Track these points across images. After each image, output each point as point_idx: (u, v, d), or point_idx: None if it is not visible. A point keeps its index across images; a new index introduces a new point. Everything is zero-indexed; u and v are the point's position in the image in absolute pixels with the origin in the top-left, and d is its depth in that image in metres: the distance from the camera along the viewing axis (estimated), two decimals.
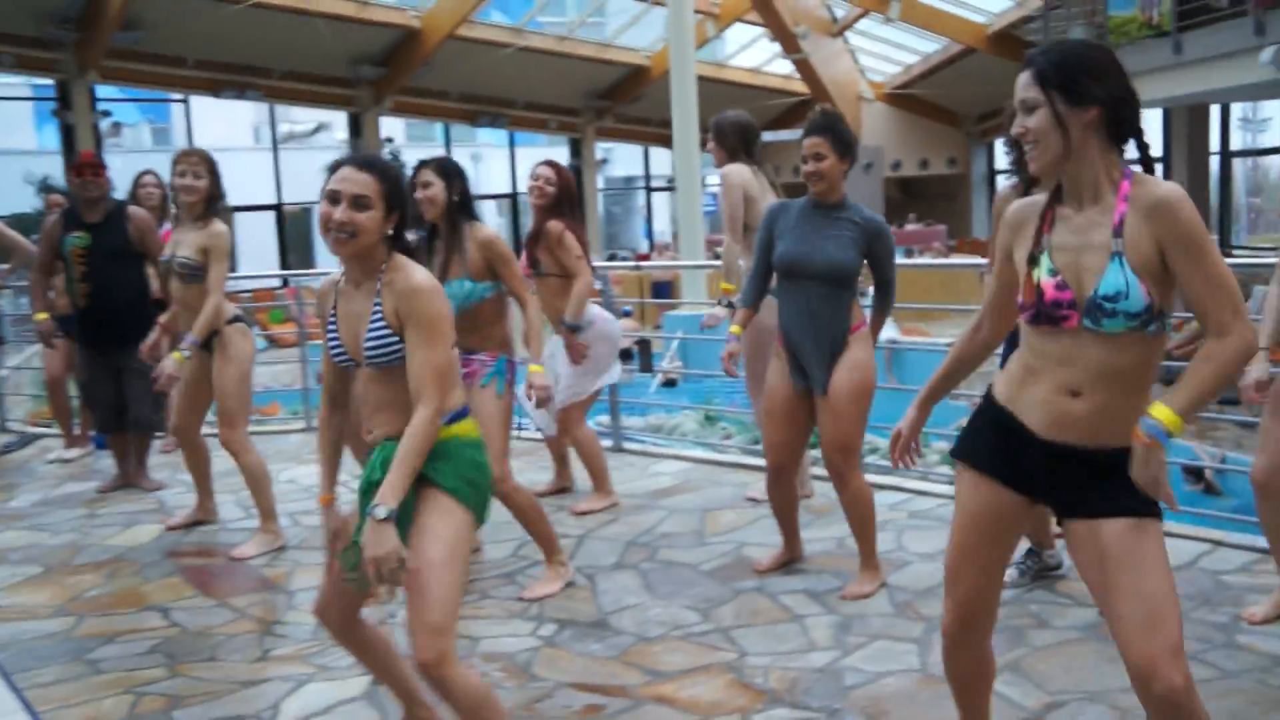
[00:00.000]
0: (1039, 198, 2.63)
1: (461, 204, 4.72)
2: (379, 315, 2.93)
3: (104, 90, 22.35)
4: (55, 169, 20.63)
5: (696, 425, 11.48)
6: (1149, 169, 2.52)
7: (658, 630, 4.23)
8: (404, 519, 2.86)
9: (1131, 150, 2.54)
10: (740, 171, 5.68)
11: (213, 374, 5.60)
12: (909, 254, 20.89)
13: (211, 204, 5.56)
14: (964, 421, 2.93)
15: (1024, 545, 4.48)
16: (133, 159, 29.01)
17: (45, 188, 17.89)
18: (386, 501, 2.76)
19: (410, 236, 3.15)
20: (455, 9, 21.92)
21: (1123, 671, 2.48)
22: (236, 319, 5.66)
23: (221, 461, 6.18)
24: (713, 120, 5.89)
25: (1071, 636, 3.96)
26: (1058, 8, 15.80)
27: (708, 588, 4.66)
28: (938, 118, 26.12)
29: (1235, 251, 19.76)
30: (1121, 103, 2.46)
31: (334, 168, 2.95)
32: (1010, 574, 4.38)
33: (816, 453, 4.93)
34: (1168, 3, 13.39)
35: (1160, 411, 2.35)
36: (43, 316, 6.77)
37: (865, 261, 4.53)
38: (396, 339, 2.91)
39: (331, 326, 3.07)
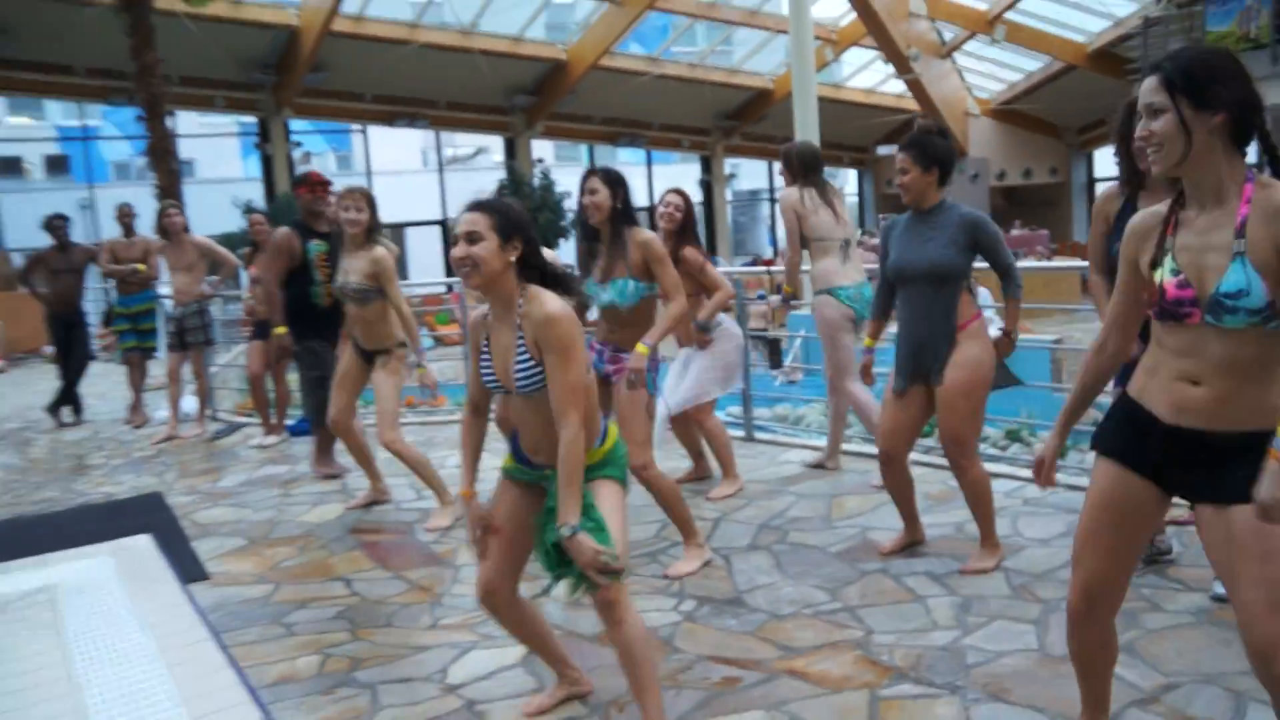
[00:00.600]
0: (1160, 207, 2.47)
1: (624, 210, 4.65)
2: (523, 347, 2.94)
3: (296, 124, 22.97)
4: (257, 194, 21.25)
5: (820, 416, 11.27)
6: (1277, 172, 2.33)
7: (789, 608, 4.10)
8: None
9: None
10: (789, 195, 5.92)
11: (374, 382, 5.76)
12: (1014, 257, 20.23)
13: (371, 233, 5.64)
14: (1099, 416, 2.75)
15: None
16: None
17: (248, 210, 18.35)
18: (569, 521, 2.85)
19: (549, 254, 3.15)
20: (598, 43, 21.99)
21: (1238, 655, 2.31)
22: (401, 344, 5.77)
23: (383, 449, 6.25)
24: (782, 148, 6.14)
25: (1185, 620, 3.70)
26: (1156, 25, 15.14)
27: (835, 568, 4.50)
28: (1040, 130, 25.33)
29: None
30: (1247, 107, 2.29)
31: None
32: None
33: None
34: (1265, 16, 12.73)
35: None
36: (282, 331, 6.42)
37: (980, 256, 4.35)
38: (539, 368, 2.92)
39: (485, 357, 3.08)
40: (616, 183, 4.64)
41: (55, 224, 9.38)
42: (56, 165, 30.55)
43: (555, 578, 2.97)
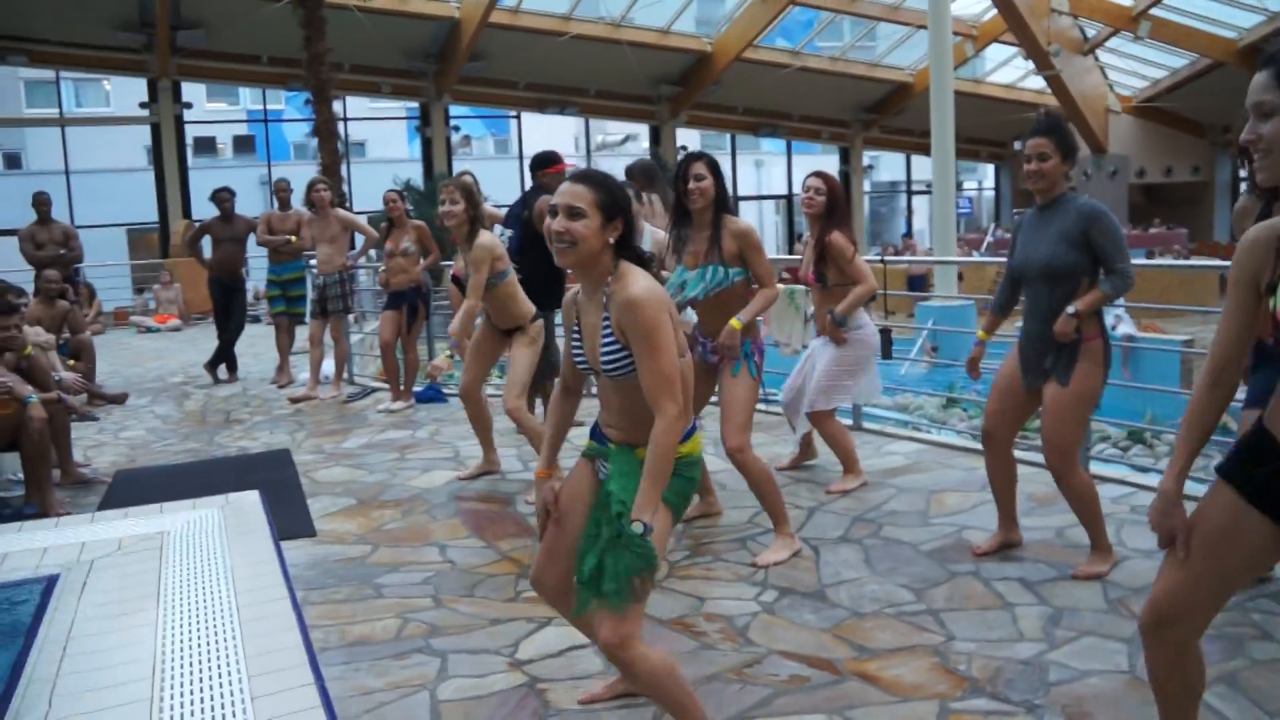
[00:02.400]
0: (1276, 220, 2.04)
1: (722, 196, 4.37)
2: (608, 328, 2.60)
3: (455, 110, 23.17)
4: (416, 174, 21.51)
5: (936, 408, 10.77)
6: None
7: (871, 606, 3.73)
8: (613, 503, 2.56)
9: None
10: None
11: (511, 354, 5.49)
12: (1150, 255, 19.20)
13: (474, 224, 5.39)
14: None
15: None
16: (479, 165, 30.22)
17: (405, 188, 18.57)
18: (643, 517, 2.46)
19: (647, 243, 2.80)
20: (742, 36, 21.61)
21: None
22: (537, 317, 5.51)
23: (501, 421, 6.10)
24: (626, 166, 6.10)
25: None
26: None
27: (925, 567, 4.11)
28: (1183, 128, 23.90)
29: None
30: None
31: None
32: None
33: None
34: None
35: None
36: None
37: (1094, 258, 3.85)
38: (625, 352, 2.57)
39: (576, 337, 2.75)
40: (719, 170, 4.39)
41: (221, 196, 9.52)
42: (243, 145, 31.59)
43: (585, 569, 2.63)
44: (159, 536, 4.04)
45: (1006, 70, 25.48)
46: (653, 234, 5.22)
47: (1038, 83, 23.87)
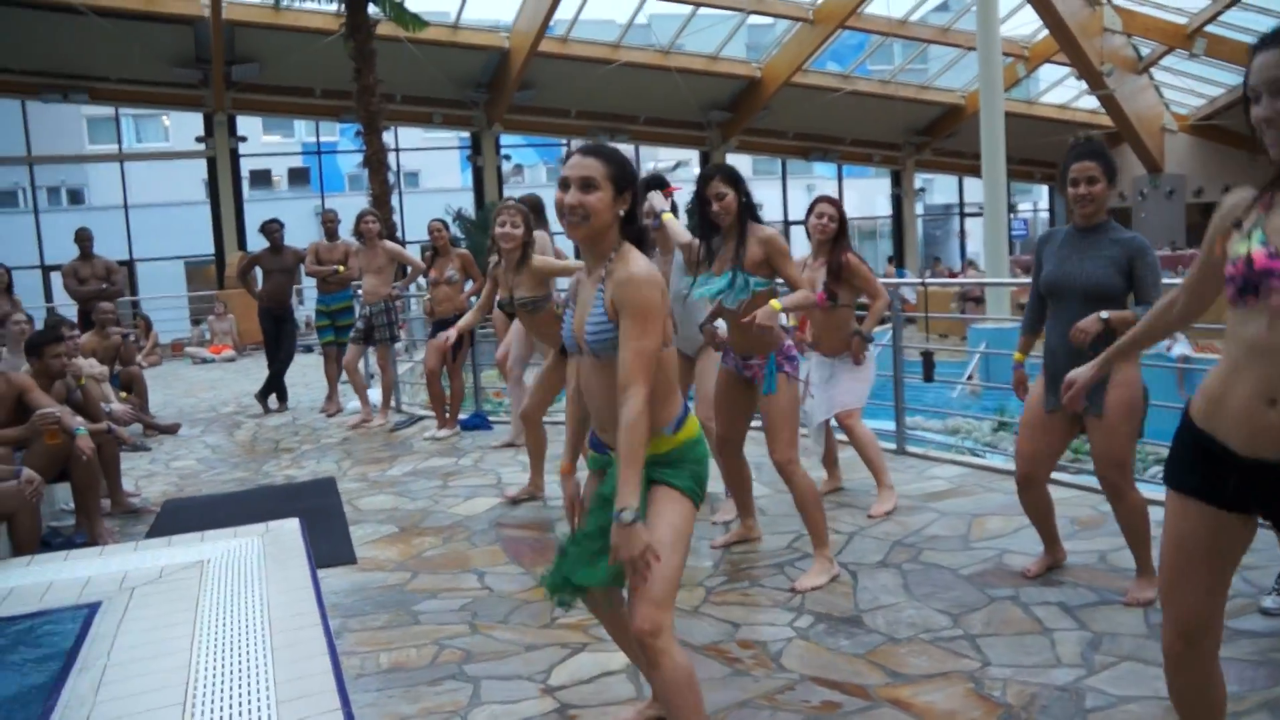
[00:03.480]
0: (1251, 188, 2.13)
1: (747, 205, 4.38)
2: (600, 302, 2.58)
3: (506, 138, 23.44)
4: (468, 202, 21.77)
5: (989, 431, 10.65)
6: None
7: (907, 631, 3.70)
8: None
9: None
10: (543, 237, 6.98)
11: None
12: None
13: (527, 248, 5.53)
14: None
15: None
16: (530, 192, 30.51)
17: (456, 216, 18.84)
18: (628, 504, 2.42)
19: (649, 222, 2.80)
20: (791, 60, 21.64)
21: None
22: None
23: (554, 448, 6.15)
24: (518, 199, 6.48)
25: None
26: None
27: (964, 592, 4.07)
28: (1241, 145, 23.42)
29: None
30: None
31: (565, 158, 2.65)
32: (1271, 601, 3.60)
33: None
34: None
35: None
36: None
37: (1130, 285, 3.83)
38: (611, 325, 2.54)
39: (568, 314, 2.77)
40: (738, 180, 4.39)
41: (270, 228, 9.72)
42: (298, 176, 32.22)
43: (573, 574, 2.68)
44: (199, 565, 4.14)
45: (1059, 90, 25.24)
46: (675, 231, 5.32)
47: (1091, 103, 23.61)
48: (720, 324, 4.51)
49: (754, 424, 4.82)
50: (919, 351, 6.61)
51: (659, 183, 6.39)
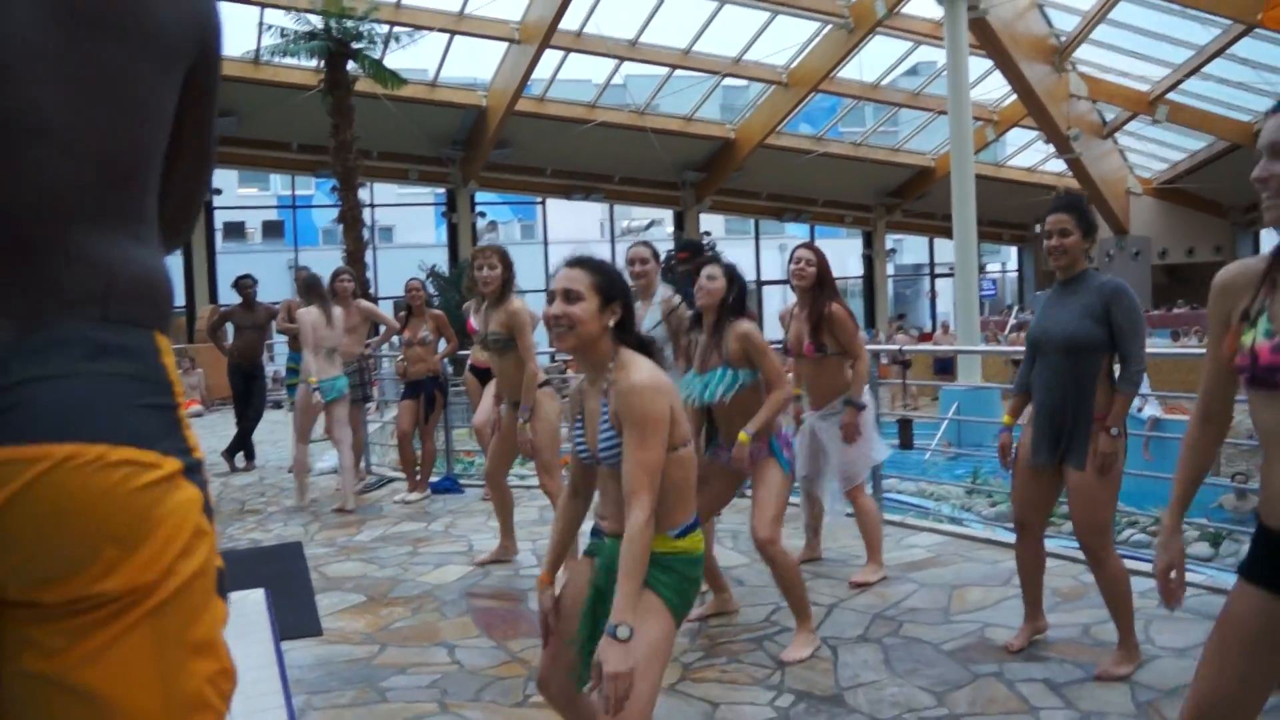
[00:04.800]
0: (1254, 261, 2.08)
1: (734, 304, 4.32)
2: (606, 415, 2.55)
3: (481, 196, 23.50)
4: (442, 259, 21.77)
5: (962, 494, 10.61)
6: None
7: (890, 711, 3.59)
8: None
9: None
10: (309, 312, 7.45)
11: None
12: (1175, 336, 19.04)
13: (506, 288, 5.51)
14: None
15: None
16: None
17: (430, 273, 18.80)
18: (625, 620, 2.36)
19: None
20: (765, 122, 21.86)
21: None
22: (546, 383, 5.52)
23: (523, 512, 6.03)
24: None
25: None
26: None
27: (947, 668, 3.97)
28: (1204, 209, 23.88)
29: None
30: None
31: (555, 272, 2.64)
32: None
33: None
34: None
35: None
36: None
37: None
38: (620, 438, 2.51)
39: (579, 425, 2.71)
40: (735, 279, 4.35)
41: (244, 284, 9.61)
42: (273, 230, 32.14)
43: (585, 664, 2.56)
44: None
45: (1027, 154, 25.65)
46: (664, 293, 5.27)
47: (1059, 166, 24.00)
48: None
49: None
50: (897, 419, 6.54)
51: (683, 246, 6.38)
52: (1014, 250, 30.91)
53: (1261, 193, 1.98)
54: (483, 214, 24.00)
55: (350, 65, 15.79)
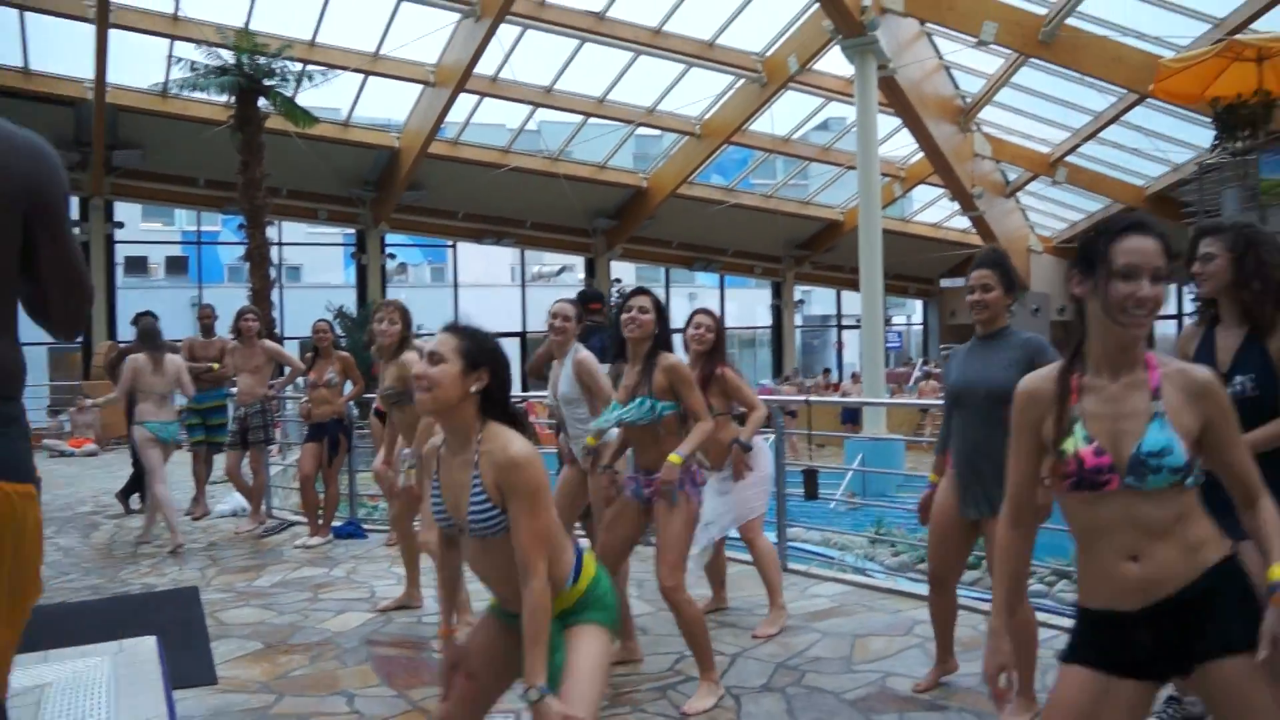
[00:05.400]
0: (1050, 371, 2.32)
1: (660, 336, 4.40)
2: (479, 487, 2.59)
3: (392, 237, 23.33)
4: (350, 299, 21.51)
5: (866, 543, 10.75)
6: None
7: None
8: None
9: None
10: (135, 359, 7.81)
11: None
12: None
13: (403, 344, 5.57)
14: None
15: (1165, 692, 3.75)
16: (415, 292, 30.37)
17: (337, 314, 18.60)
18: (536, 683, 2.48)
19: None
20: (678, 172, 22.12)
21: None
22: None
23: (427, 559, 5.95)
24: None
25: None
26: (1211, 171, 14.71)
27: (848, 717, 4.01)
28: None
29: None
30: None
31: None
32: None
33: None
34: None
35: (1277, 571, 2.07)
36: None
37: None
38: (498, 511, 2.57)
39: (435, 491, 2.75)
40: (663, 312, 4.44)
41: (144, 322, 9.36)
42: (176, 266, 31.45)
43: None
44: (39, 690, 3.83)
45: (933, 210, 26.30)
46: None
47: (963, 223, 24.66)
48: (613, 433, 4.49)
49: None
50: (802, 469, 6.63)
51: (592, 297, 6.41)
52: (919, 303, 31.61)
53: (1136, 311, 2.15)
54: (393, 256, 23.83)
55: (261, 102, 15.62)
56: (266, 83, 15.43)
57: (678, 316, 5.63)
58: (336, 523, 8.00)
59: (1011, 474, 2.38)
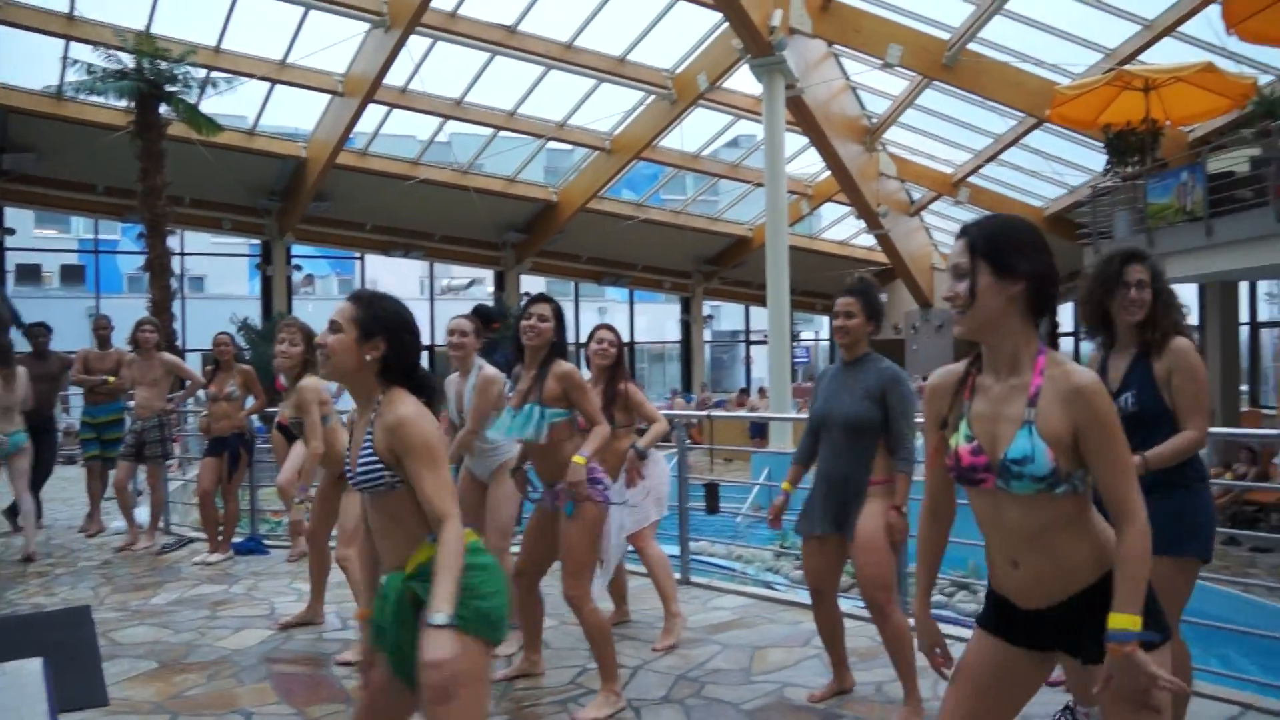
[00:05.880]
0: (958, 367, 2.39)
1: (558, 344, 4.42)
2: (369, 444, 2.64)
3: (298, 249, 22.98)
4: (255, 311, 21.13)
5: (770, 557, 10.91)
6: (1054, 344, 2.31)
7: None
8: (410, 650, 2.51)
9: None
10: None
11: (342, 501, 5.43)
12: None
13: (306, 365, 5.50)
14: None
15: (1062, 700, 3.90)
16: (322, 305, 29.92)
17: (241, 326, 18.26)
18: (442, 609, 2.40)
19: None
20: (587, 187, 22.17)
21: None
22: None
23: (329, 575, 5.90)
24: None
25: None
26: (1104, 195, 15.28)
27: None
28: None
29: (1264, 409, 18.66)
30: (1045, 279, 2.23)
31: None
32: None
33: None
34: (1199, 192, 12.83)
35: (1119, 620, 2.10)
36: None
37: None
38: (382, 467, 2.60)
39: (348, 452, 2.78)
40: (562, 317, 4.47)
41: (35, 332, 9.12)
42: (72, 275, 30.45)
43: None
44: None
45: (840, 227, 26.77)
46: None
47: (869, 240, 25.12)
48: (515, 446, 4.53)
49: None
50: (704, 483, 6.71)
51: (495, 316, 6.41)
52: (826, 320, 32.12)
53: (952, 309, 2.27)
54: (299, 267, 23.46)
55: (163, 108, 15.25)
56: (169, 89, 15.05)
57: (587, 331, 5.65)
58: (237, 539, 7.87)
59: (926, 470, 2.50)
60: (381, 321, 2.68)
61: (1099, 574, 2.19)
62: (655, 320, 31.89)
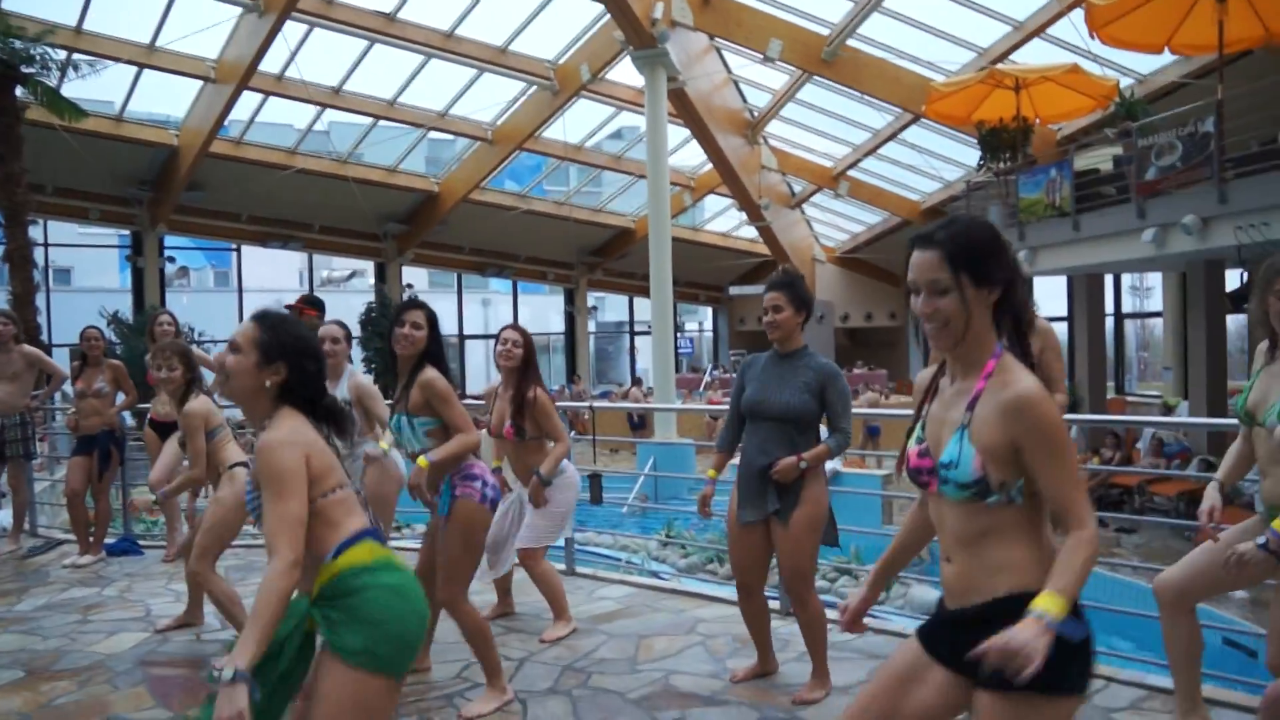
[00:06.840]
0: (934, 367, 2.38)
1: (430, 353, 4.32)
2: (250, 474, 2.59)
3: (171, 240, 22.25)
4: (126, 304, 20.39)
5: (656, 546, 11.00)
6: (1024, 349, 2.21)
7: None
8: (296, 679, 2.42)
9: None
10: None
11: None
12: (855, 393, 20.59)
13: (190, 386, 5.34)
14: None
15: None
16: (198, 298, 28.99)
17: (112, 320, 17.59)
18: (234, 663, 2.22)
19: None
20: (469, 177, 21.98)
21: None
22: (239, 464, 5.21)
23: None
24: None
25: None
26: (978, 189, 15.79)
27: (633, 716, 4.11)
28: (880, 277, 26.03)
29: (1128, 396, 19.55)
30: (1014, 283, 2.19)
31: None
32: None
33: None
34: (1067, 188, 13.36)
35: (1044, 599, 1.99)
36: None
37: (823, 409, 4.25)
38: (256, 494, 2.52)
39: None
40: (435, 325, 4.37)
41: None
42: None
43: None
44: None
45: (722, 220, 27.07)
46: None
47: (751, 233, 25.48)
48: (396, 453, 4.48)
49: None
50: (588, 474, 6.72)
51: (312, 304, 6.28)
52: (710, 310, 32.42)
53: (927, 325, 2.20)
54: (172, 259, 22.70)
55: (20, 91, 14.54)
56: (25, 70, 14.34)
57: (470, 323, 5.59)
58: (109, 539, 7.58)
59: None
60: (284, 347, 2.57)
61: (1017, 589, 2.09)
62: (539, 311, 31.77)
